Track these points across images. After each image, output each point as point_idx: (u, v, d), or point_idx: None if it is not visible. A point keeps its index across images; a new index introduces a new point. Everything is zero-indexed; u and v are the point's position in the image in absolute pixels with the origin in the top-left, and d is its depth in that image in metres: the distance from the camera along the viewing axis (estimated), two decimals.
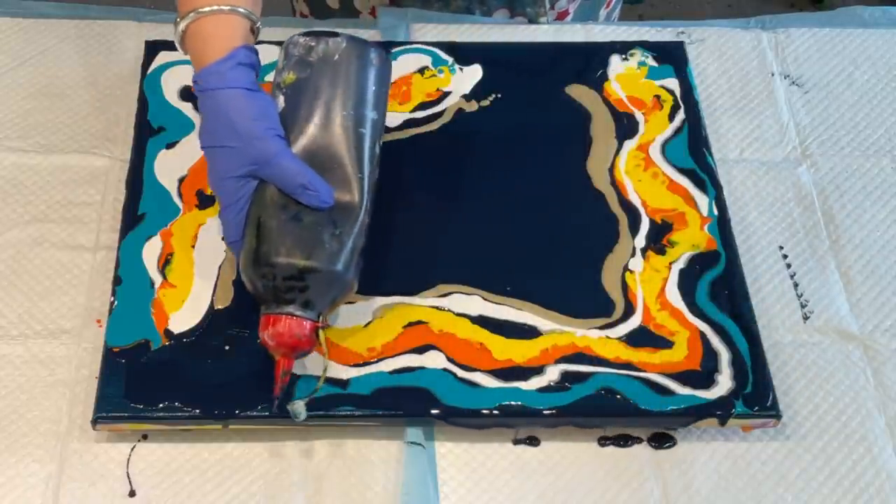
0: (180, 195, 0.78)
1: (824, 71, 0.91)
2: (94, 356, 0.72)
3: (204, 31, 0.69)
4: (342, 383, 0.70)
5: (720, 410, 0.70)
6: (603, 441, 0.71)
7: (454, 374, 0.71)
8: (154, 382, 0.69)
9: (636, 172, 0.81)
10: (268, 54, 0.86)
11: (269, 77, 0.84)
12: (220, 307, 0.73)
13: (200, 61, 0.68)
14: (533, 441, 0.71)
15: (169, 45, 0.86)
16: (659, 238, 0.78)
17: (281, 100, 0.71)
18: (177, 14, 0.70)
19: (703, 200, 0.80)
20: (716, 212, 0.79)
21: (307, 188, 0.67)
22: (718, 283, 0.76)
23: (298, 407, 0.67)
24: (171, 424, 0.69)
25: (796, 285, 0.79)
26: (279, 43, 0.86)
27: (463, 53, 0.87)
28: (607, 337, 0.73)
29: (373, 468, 0.70)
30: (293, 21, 0.97)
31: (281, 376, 0.67)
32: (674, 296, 0.75)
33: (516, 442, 0.71)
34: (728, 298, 0.75)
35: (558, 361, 0.71)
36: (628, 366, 0.71)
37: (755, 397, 0.70)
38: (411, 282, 0.75)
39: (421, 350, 0.72)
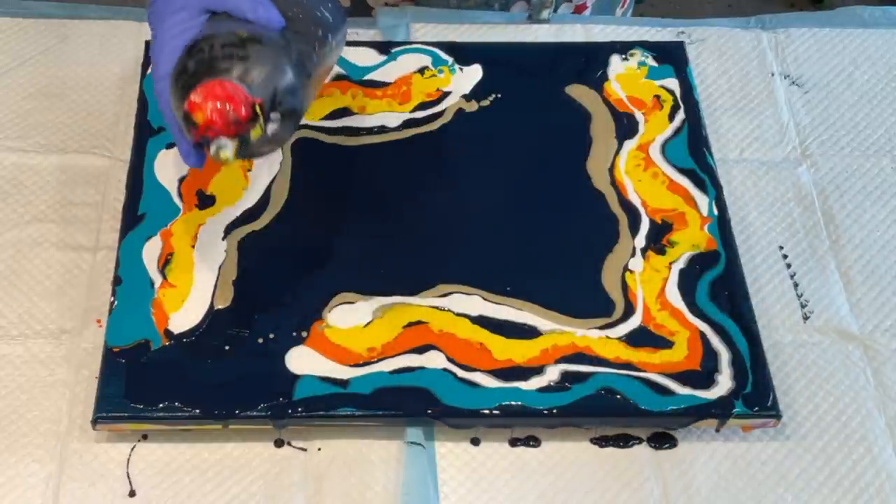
0: (180, 195, 0.78)
1: (824, 71, 0.91)
2: (94, 356, 0.72)
3: None
4: (342, 383, 0.70)
5: (720, 410, 0.70)
6: (602, 441, 0.71)
7: (454, 374, 0.71)
8: (154, 382, 0.69)
9: (636, 172, 0.81)
10: None
11: None
12: (220, 307, 0.73)
13: None
14: (533, 441, 0.71)
15: None
16: (659, 238, 0.78)
17: None
18: None
19: (703, 200, 0.80)
20: (716, 212, 0.79)
21: (256, 8, 0.63)
22: (718, 283, 0.76)
23: (223, 142, 0.59)
24: (171, 424, 0.69)
25: (796, 285, 0.79)
26: None
27: (463, 53, 0.87)
28: (607, 337, 0.73)
29: (373, 468, 0.70)
30: None
31: (200, 137, 0.60)
32: (674, 296, 0.75)
33: (516, 442, 0.71)
34: (728, 298, 0.75)
35: (558, 361, 0.71)
36: (628, 366, 0.72)
37: (755, 397, 0.70)
38: (411, 282, 0.75)
39: (421, 350, 0.72)
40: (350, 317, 0.73)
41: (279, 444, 0.70)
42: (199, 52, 0.60)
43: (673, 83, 0.86)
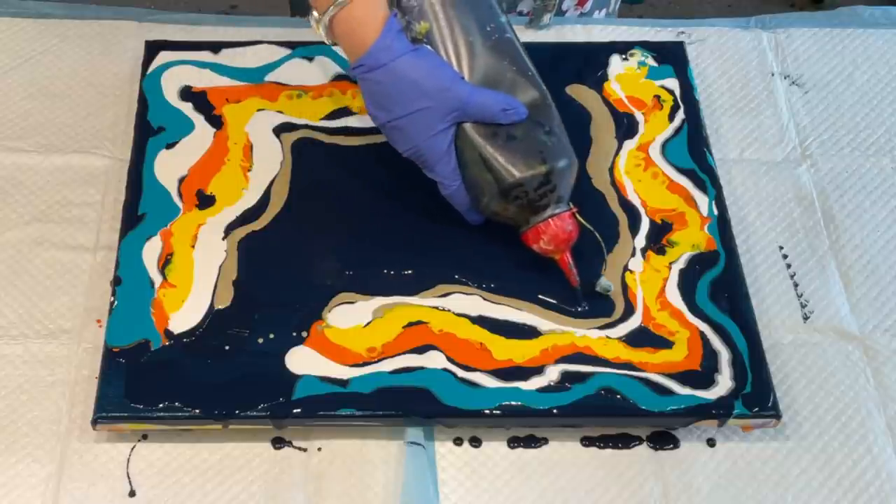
0: (180, 195, 0.78)
1: (824, 71, 0.91)
2: (94, 356, 0.72)
3: (353, 16, 0.70)
4: (342, 383, 0.70)
5: (720, 410, 0.70)
6: (603, 441, 0.71)
7: (454, 374, 0.71)
8: (154, 382, 0.69)
9: (636, 172, 0.81)
10: (270, 54, 0.86)
11: (269, 77, 0.85)
12: (220, 307, 0.73)
13: (361, 44, 0.70)
14: (533, 441, 0.71)
15: (169, 45, 0.86)
16: (659, 238, 0.78)
17: (430, 48, 0.73)
18: (311, 11, 0.71)
19: (702, 200, 0.80)
20: (716, 212, 0.79)
21: (507, 109, 0.72)
22: (718, 283, 0.76)
23: (605, 282, 0.74)
24: (171, 424, 0.69)
25: (796, 285, 0.79)
26: (283, 43, 0.86)
27: None
28: (607, 337, 0.73)
29: (373, 468, 0.70)
30: (302, 21, 0.96)
31: (570, 268, 0.73)
32: (674, 296, 0.75)
33: (516, 442, 0.71)
34: (728, 298, 0.75)
35: (558, 361, 0.71)
36: (628, 366, 0.72)
37: (755, 397, 0.70)
38: (411, 282, 0.75)
39: (421, 350, 0.72)
40: (350, 317, 0.73)
41: (279, 444, 0.70)
42: (516, 199, 0.72)
43: (673, 83, 0.86)
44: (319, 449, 0.70)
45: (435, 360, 0.71)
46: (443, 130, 0.72)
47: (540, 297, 0.74)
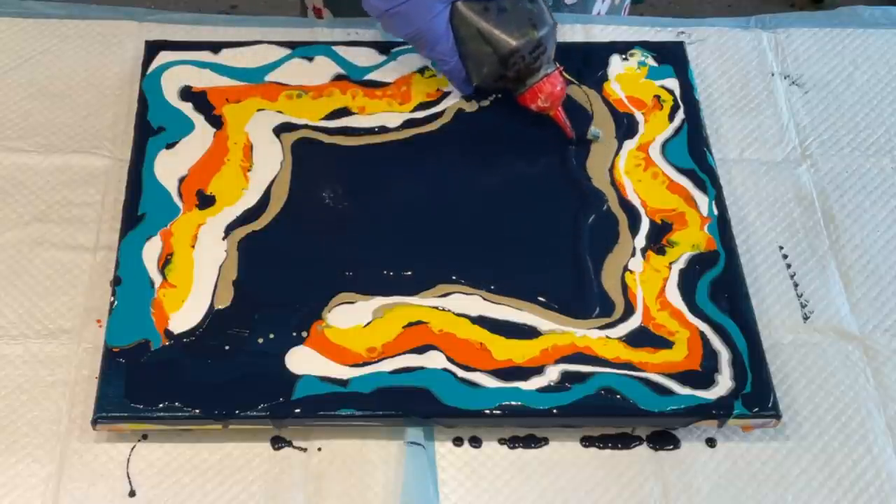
0: (180, 195, 0.78)
1: (824, 71, 0.91)
2: (94, 356, 0.72)
3: None
4: (342, 383, 0.70)
5: (720, 411, 0.70)
6: (603, 441, 0.71)
7: (454, 374, 0.71)
8: (154, 382, 0.69)
9: (636, 172, 0.81)
10: (270, 54, 0.86)
11: (269, 77, 0.85)
12: (220, 307, 0.73)
13: None
14: (533, 441, 0.71)
15: (169, 46, 0.86)
16: (659, 238, 0.78)
17: None
18: None
19: (702, 200, 0.80)
20: (716, 212, 0.79)
21: None
22: (718, 283, 0.76)
23: (595, 130, 0.82)
24: (171, 424, 0.69)
25: (796, 285, 0.79)
26: (283, 43, 0.87)
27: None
28: (607, 337, 0.73)
29: (373, 468, 0.70)
30: (302, 21, 0.96)
31: (564, 122, 0.81)
32: (674, 296, 0.75)
33: (516, 442, 0.71)
34: (728, 298, 0.75)
35: (558, 361, 0.71)
36: (628, 366, 0.72)
37: (755, 397, 0.70)
38: (411, 282, 0.75)
39: (421, 350, 0.72)
40: (350, 317, 0.73)
41: (279, 444, 0.70)
42: (514, 65, 0.79)
43: (673, 83, 0.86)
44: (319, 449, 0.70)
45: (435, 360, 0.71)
46: (441, 11, 0.78)
47: (540, 297, 0.74)
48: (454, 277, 0.75)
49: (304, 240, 0.77)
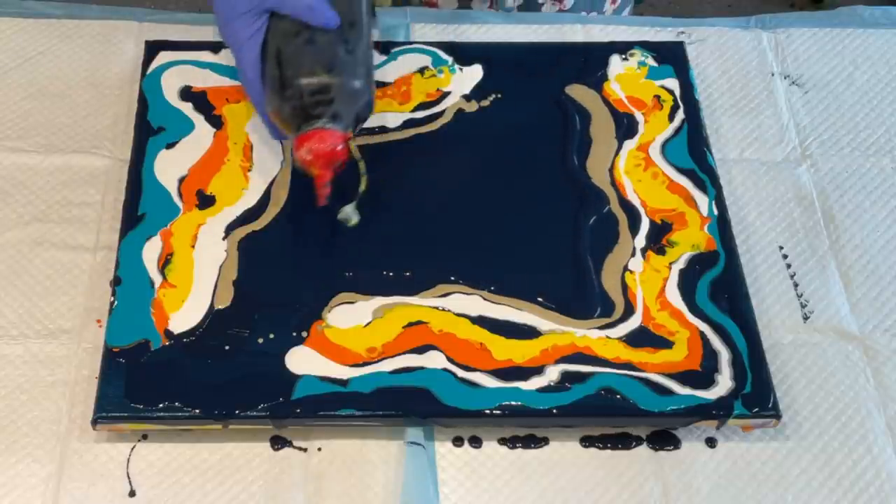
0: (180, 195, 0.78)
1: (824, 71, 0.91)
2: (94, 356, 0.72)
3: None
4: (342, 383, 0.70)
5: (720, 411, 0.70)
6: (603, 441, 0.71)
7: (454, 374, 0.71)
8: (154, 382, 0.69)
9: (636, 172, 0.81)
10: None
11: None
12: (220, 307, 0.73)
13: None
14: (533, 441, 0.71)
15: (169, 46, 0.86)
16: (659, 238, 0.78)
17: None
18: None
19: (702, 200, 0.80)
20: (715, 212, 0.79)
21: (313, 8, 0.71)
22: (718, 283, 0.76)
23: (349, 211, 0.74)
24: (171, 424, 0.69)
25: (796, 285, 0.79)
26: None
27: (463, 53, 0.87)
28: (607, 337, 0.73)
29: (373, 468, 0.70)
30: None
31: (322, 187, 0.72)
32: (674, 296, 0.75)
33: (516, 442, 0.71)
34: (728, 298, 0.75)
35: (558, 361, 0.71)
36: (628, 366, 0.72)
37: (755, 397, 0.70)
38: (411, 282, 0.75)
39: (421, 350, 0.72)
40: (350, 317, 0.73)
41: (279, 444, 0.70)
42: (290, 98, 0.71)
43: (673, 83, 0.86)
44: (319, 449, 0.70)
45: (435, 360, 0.71)
46: (245, 14, 0.71)
47: (540, 297, 0.74)
48: (454, 277, 0.75)
49: (304, 240, 0.77)
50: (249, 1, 0.71)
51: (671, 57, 0.88)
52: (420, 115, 0.84)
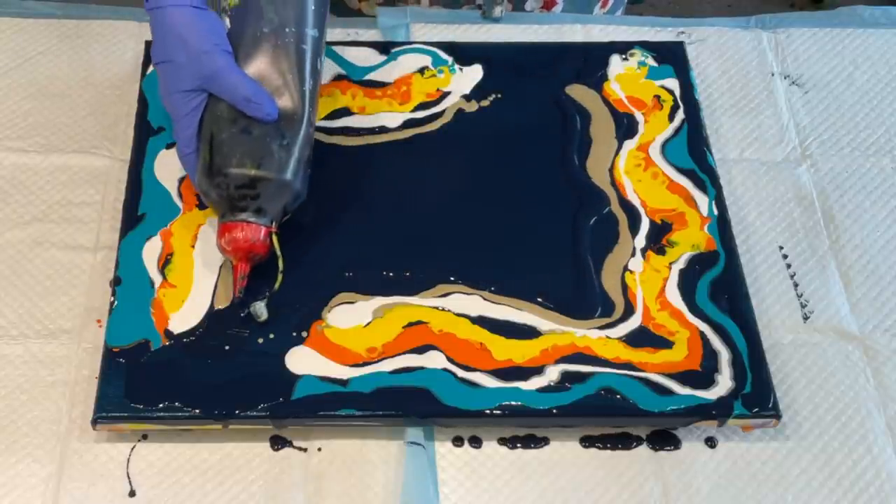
0: (180, 195, 0.78)
1: (824, 71, 0.91)
2: (94, 356, 0.72)
3: None
4: (342, 383, 0.70)
5: (720, 411, 0.70)
6: (603, 441, 0.71)
7: (454, 374, 0.71)
8: (154, 382, 0.69)
9: (636, 172, 0.81)
10: None
11: None
12: (220, 307, 0.73)
13: None
14: (533, 441, 0.71)
15: None
16: (659, 238, 0.78)
17: (227, 21, 0.73)
18: None
19: (702, 200, 0.80)
20: (715, 212, 0.79)
21: (251, 100, 0.70)
22: (718, 283, 0.76)
23: (259, 308, 0.72)
24: (171, 424, 0.69)
25: (796, 285, 0.79)
26: None
27: (463, 53, 0.87)
28: (607, 337, 0.73)
29: (373, 468, 0.70)
30: None
31: (239, 279, 0.72)
32: (674, 296, 0.75)
33: (516, 442, 0.71)
34: (728, 298, 0.75)
35: (558, 361, 0.71)
36: (628, 366, 0.72)
37: (755, 397, 0.70)
38: (411, 282, 0.75)
39: (421, 350, 0.72)
40: (350, 317, 0.73)
41: (279, 444, 0.70)
42: (217, 186, 0.71)
43: (673, 83, 0.86)
44: (319, 449, 0.70)
45: (435, 360, 0.71)
46: (188, 91, 0.71)
47: (540, 297, 0.74)
48: (454, 277, 0.75)
49: (304, 240, 0.77)
50: (192, 80, 0.71)
51: (671, 57, 0.88)
52: (420, 115, 0.84)
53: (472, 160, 0.82)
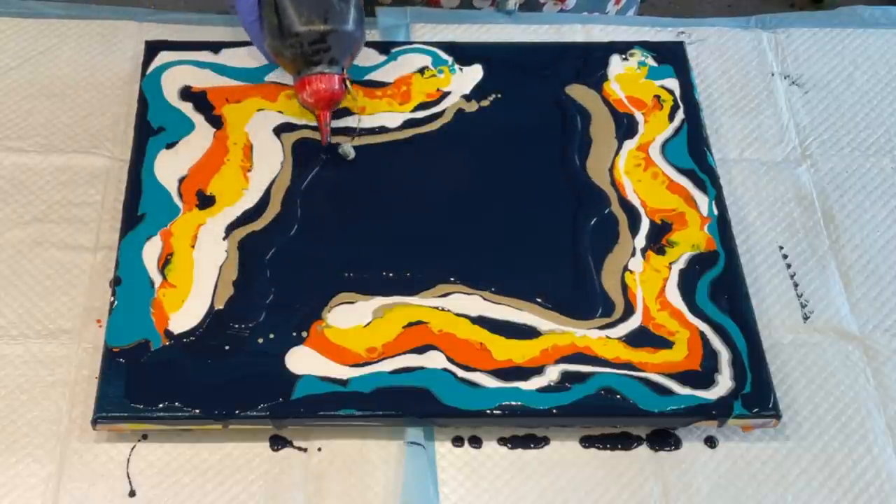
0: (180, 195, 0.78)
1: (824, 71, 0.91)
2: (94, 356, 0.72)
3: None
4: (342, 383, 0.70)
5: (720, 411, 0.70)
6: (603, 441, 0.71)
7: (454, 374, 0.71)
8: (154, 382, 0.69)
9: (636, 172, 0.81)
10: None
11: (269, 77, 0.85)
12: (220, 307, 0.73)
13: None
14: (533, 441, 0.71)
15: (169, 46, 0.86)
16: (659, 238, 0.78)
17: None
18: None
19: (702, 200, 0.80)
20: (715, 212, 0.79)
21: None
22: (718, 283, 0.76)
23: (347, 147, 0.80)
24: (171, 424, 0.69)
25: (796, 285, 0.79)
26: None
27: (463, 53, 0.87)
28: (607, 337, 0.73)
29: (373, 468, 0.70)
30: None
31: (324, 126, 0.79)
32: (674, 296, 0.75)
33: (516, 442, 0.71)
34: (728, 298, 0.75)
35: (558, 361, 0.71)
36: (628, 366, 0.72)
37: (755, 398, 0.70)
38: (411, 282, 0.75)
39: (421, 350, 0.72)
40: (350, 317, 0.73)
41: (279, 444, 0.70)
42: (291, 47, 0.77)
43: (673, 83, 0.86)
44: (319, 449, 0.70)
45: (435, 360, 0.71)
46: None
47: (540, 297, 0.74)
48: (454, 278, 0.75)
49: (304, 240, 0.77)
50: None
51: (671, 57, 0.88)
52: (420, 115, 0.84)
53: (472, 160, 0.82)
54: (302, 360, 0.71)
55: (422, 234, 0.78)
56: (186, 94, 0.84)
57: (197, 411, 0.68)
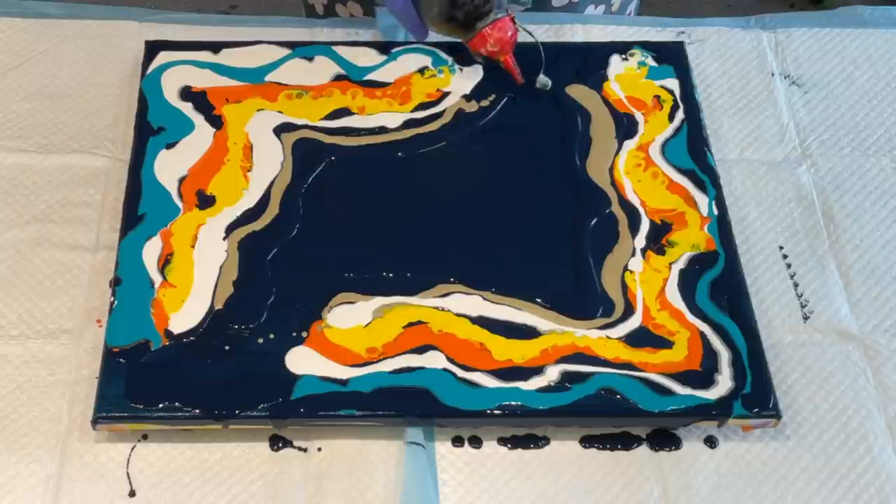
0: (180, 195, 0.78)
1: (824, 71, 0.91)
2: (94, 356, 0.72)
3: None
4: (342, 383, 0.70)
5: (720, 411, 0.70)
6: (603, 441, 0.71)
7: (454, 374, 0.71)
8: (154, 382, 0.69)
9: (636, 172, 0.81)
10: (270, 54, 0.86)
11: (269, 77, 0.85)
12: (220, 307, 0.73)
13: None
14: (533, 441, 0.71)
15: (169, 46, 0.86)
16: (659, 238, 0.78)
17: None
18: None
19: (702, 200, 0.80)
20: (715, 212, 0.79)
21: None
22: (718, 283, 0.76)
23: (543, 78, 0.84)
24: (171, 424, 0.69)
25: (796, 285, 0.79)
26: (283, 43, 0.87)
27: (463, 53, 0.87)
28: (607, 337, 0.73)
29: (373, 468, 0.70)
30: (302, 21, 0.96)
31: (514, 67, 0.83)
32: (674, 296, 0.75)
33: (516, 442, 0.71)
34: (728, 298, 0.75)
35: (558, 361, 0.71)
36: (628, 366, 0.72)
37: (755, 398, 0.70)
38: (411, 282, 0.75)
39: (421, 350, 0.72)
40: (350, 317, 0.73)
41: (279, 444, 0.70)
42: (461, 6, 0.80)
43: (673, 83, 0.86)
44: (319, 449, 0.70)
45: (435, 360, 0.71)
46: None
47: (540, 297, 0.74)
48: (454, 278, 0.75)
49: (305, 240, 0.77)
50: None
51: (671, 57, 0.88)
52: (420, 115, 0.84)
53: (472, 160, 0.82)
54: (302, 360, 0.71)
55: (422, 234, 0.78)
56: (186, 94, 0.84)
57: (197, 411, 0.68)
